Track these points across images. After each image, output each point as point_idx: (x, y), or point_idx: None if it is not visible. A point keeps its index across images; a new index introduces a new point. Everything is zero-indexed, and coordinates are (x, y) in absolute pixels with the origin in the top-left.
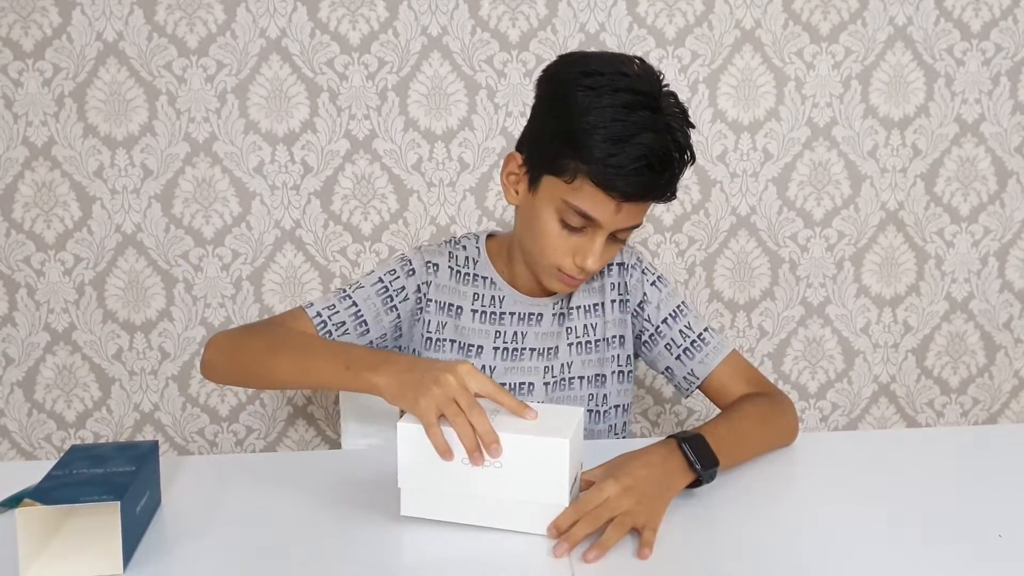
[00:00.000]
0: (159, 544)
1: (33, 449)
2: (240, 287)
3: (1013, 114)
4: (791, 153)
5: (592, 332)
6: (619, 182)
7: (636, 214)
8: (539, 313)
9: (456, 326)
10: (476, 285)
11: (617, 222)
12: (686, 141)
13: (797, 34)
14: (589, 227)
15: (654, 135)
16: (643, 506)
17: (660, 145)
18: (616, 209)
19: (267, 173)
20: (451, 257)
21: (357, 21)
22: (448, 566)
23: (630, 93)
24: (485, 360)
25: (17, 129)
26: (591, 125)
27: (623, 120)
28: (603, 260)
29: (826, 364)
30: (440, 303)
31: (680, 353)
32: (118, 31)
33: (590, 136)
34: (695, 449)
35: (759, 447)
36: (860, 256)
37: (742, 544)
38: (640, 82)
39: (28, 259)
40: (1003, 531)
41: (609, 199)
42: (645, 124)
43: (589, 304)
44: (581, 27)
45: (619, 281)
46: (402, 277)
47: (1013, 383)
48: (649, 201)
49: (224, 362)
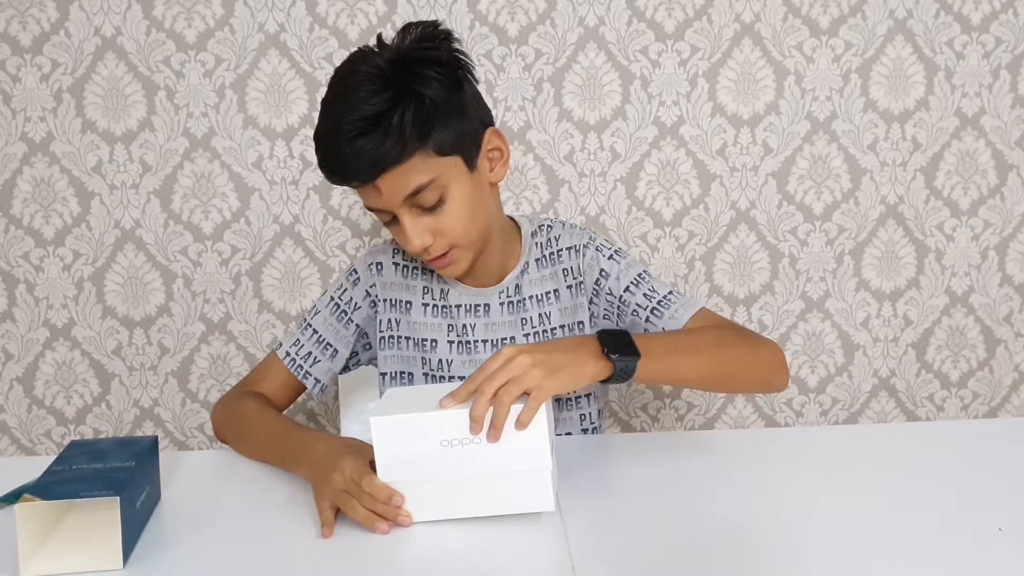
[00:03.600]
0: (159, 540)
1: (33, 445)
2: (239, 282)
3: (1013, 107)
4: (791, 147)
5: (547, 320)
6: (338, 170)
7: (399, 182)
8: (485, 303)
9: (408, 322)
10: (425, 279)
11: (391, 199)
12: (398, 87)
13: (797, 27)
14: (385, 214)
15: (346, 112)
16: (538, 371)
17: (350, 118)
18: (375, 190)
19: (266, 168)
20: (395, 253)
21: (356, 16)
22: (447, 559)
23: (331, 89)
24: (441, 354)
25: (15, 125)
26: (316, 139)
27: (322, 116)
28: (438, 230)
29: (826, 358)
30: (390, 300)
31: (648, 315)
32: (116, 26)
33: (318, 150)
34: (613, 338)
35: (711, 366)
36: (860, 250)
37: (741, 537)
38: (348, 69)
39: (27, 255)
40: (1003, 525)
41: (359, 186)
42: (336, 107)
43: (541, 293)
44: (580, 21)
45: (571, 265)
46: (349, 289)
47: (1013, 377)
48: (390, 166)
49: (221, 438)
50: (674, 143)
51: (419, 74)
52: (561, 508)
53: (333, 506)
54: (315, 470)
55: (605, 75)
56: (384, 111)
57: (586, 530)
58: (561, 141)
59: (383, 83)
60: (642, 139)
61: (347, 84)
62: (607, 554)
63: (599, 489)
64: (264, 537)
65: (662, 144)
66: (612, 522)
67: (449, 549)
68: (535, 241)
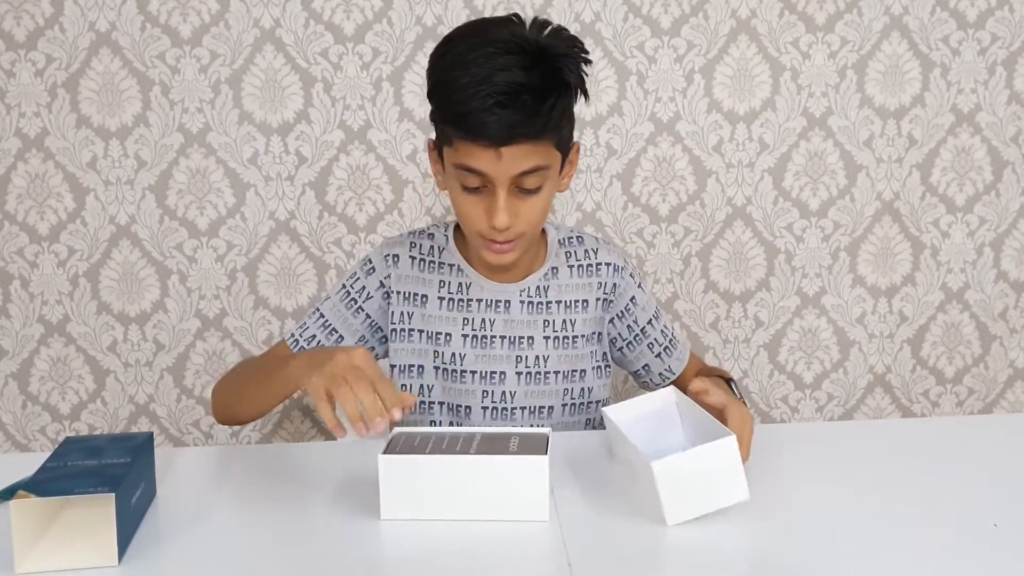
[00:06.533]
0: (154, 536)
1: (28, 441)
2: (235, 278)
3: (1009, 104)
4: (787, 143)
5: (571, 327)
6: (475, 126)
7: (522, 157)
8: (506, 300)
9: (423, 315)
10: (443, 272)
11: (505, 169)
12: (549, 70)
13: (793, 24)
14: (486, 184)
15: (497, 73)
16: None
17: (502, 81)
18: (496, 156)
19: (261, 164)
20: (412, 247)
21: (351, 11)
22: (443, 557)
23: (473, 46)
24: (455, 348)
25: (10, 120)
26: (443, 83)
27: (463, 68)
28: (518, 215)
29: (821, 354)
30: (404, 293)
31: (661, 351)
32: (111, 21)
33: (444, 94)
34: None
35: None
36: (856, 246)
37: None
38: (491, 32)
39: (21, 251)
40: (998, 520)
41: (481, 148)
42: (484, 64)
43: (571, 300)
44: (576, 16)
45: (608, 281)
46: (363, 278)
47: (1008, 373)
48: (524, 140)
49: (221, 413)
50: (670, 139)
51: (563, 67)
52: (557, 505)
53: (328, 395)
54: (315, 358)
55: (601, 71)
56: (536, 87)
57: (582, 527)
58: None
59: (531, 59)
60: (638, 135)
61: (490, 48)
62: (603, 551)
63: (595, 486)
64: (260, 533)
65: (658, 140)
66: (608, 519)
67: (445, 547)
68: (564, 250)
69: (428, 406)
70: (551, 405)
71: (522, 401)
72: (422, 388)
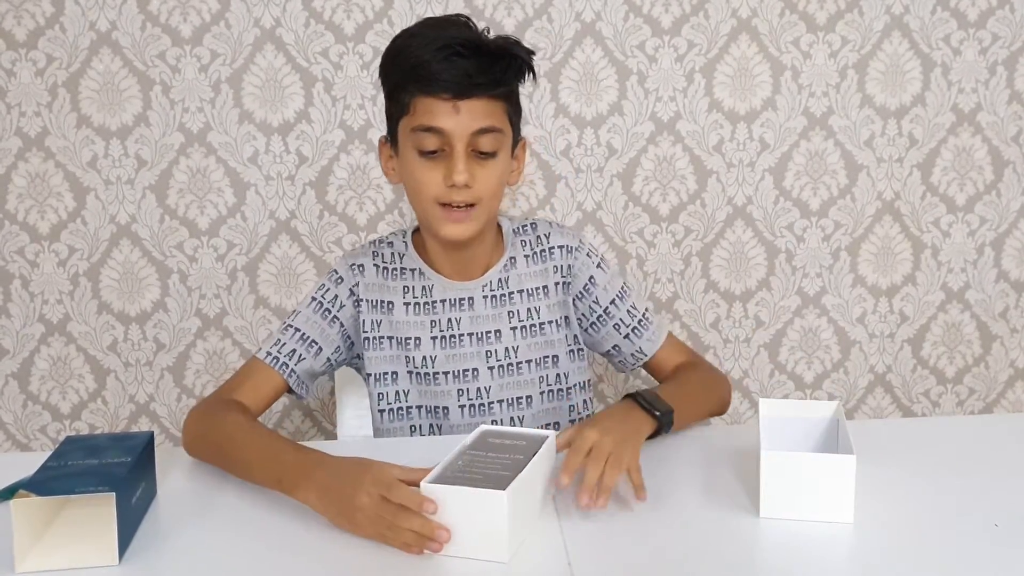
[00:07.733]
0: (154, 535)
1: (28, 441)
2: (235, 278)
3: (1010, 103)
4: (787, 143)
5: (536, 315)
6: (435, 74)
7: (479, 113)
8: (469, 297)
9: (391, 322)
10: (405, 278)
11: (464, 124)
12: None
13: (793, 23)
14: (444, 146)
15: (457, 28)
16: (623, 447)
17: (464, 35)
18: (454, 110)
19: (262, 163)
20: (375, 256)
21: (352, 11)
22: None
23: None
24: (424, 351)
25: (10, 119)
26: (401, 51)
27: (425, 33)
28: (476, 178)
29: (822, 354)
30: (372, 301)
31: (628, 332)
32: (111, 21)
33: (403, 57)
34: (648, 399)
35: (703, 410)
36: (856, 246)
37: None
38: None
39: (22, 250)
40: (999, 520)
41: (439, 100)
42: (446, 27)
43: (531, 288)
44: (577, 16)
45: (563, 263)
46: (332, 288)
47: (1009, 373)
48: (481, 92)
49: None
50: (671, 139)
51: (511, 47)
52: (557, 507)
53: (376, 534)
54: (329, 497)
55: (602, 70)
56: (490, 50)
57: (583, 529)
58: (558, 137)
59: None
60: (639, 135)
61: (450, 22)
62: (603, 553)
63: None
64: (260, 532)
65: (659, 140)
66: (609, 521)
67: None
68: (519, 238)
69: (406, 411)
70: (528, 395)
71: (498, 395)
72: (398, 394)
